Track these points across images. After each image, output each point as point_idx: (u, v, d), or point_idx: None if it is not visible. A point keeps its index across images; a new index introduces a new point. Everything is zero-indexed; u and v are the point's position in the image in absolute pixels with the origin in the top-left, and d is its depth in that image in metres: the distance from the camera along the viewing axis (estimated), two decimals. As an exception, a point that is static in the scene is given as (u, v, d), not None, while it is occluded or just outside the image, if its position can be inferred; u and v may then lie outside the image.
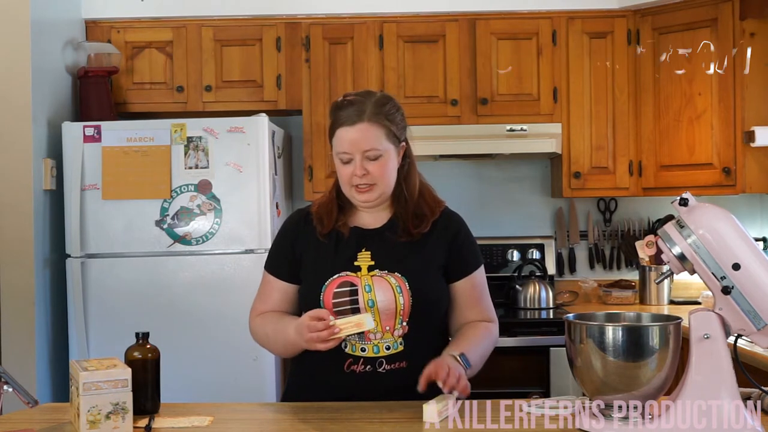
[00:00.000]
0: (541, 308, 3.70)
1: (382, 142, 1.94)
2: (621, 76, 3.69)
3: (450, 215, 2.06)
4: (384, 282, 1.92)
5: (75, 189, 3.26)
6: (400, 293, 1.91)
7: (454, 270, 2.01)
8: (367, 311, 1.89)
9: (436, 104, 3.69)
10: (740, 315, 1.58)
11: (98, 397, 1.65)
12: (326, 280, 1.94)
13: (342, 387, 1.92)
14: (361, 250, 1.97)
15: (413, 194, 2.01)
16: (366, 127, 1.92)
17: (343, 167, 1.95)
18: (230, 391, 3.16)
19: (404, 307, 1.91)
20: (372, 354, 1.90)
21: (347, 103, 1.95)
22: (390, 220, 2.02)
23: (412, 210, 1.99)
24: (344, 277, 1.94)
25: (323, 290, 1.93)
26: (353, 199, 1.98)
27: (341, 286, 1.92)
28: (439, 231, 2.01)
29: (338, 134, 1.94)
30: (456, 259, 2.01)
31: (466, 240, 2.04)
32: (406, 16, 3.72)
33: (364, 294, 1.91)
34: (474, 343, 1.95)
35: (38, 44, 3.27)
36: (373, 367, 1.91)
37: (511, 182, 4.07)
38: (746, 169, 3.41)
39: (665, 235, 1.65)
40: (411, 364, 1.90)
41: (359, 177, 1.93)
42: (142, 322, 2.48)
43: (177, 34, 3.73)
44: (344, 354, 1.91)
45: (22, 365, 3.14)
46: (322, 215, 2.01)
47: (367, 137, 1.92)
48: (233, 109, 3.69)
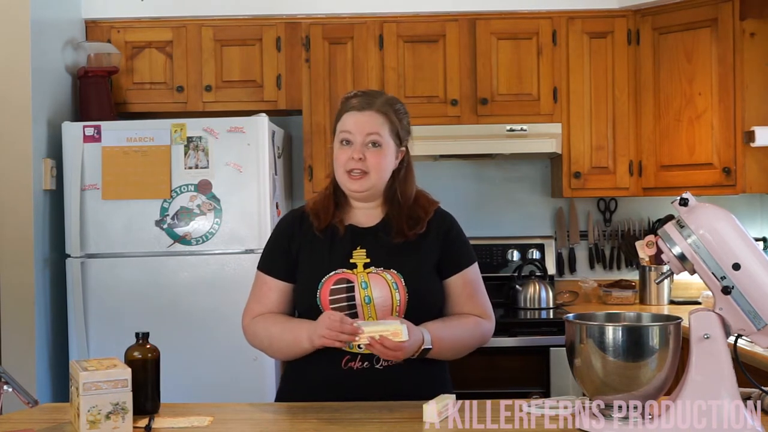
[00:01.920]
0: (541, 308, 3.70)
1: (385, 133, 1.98)
2: (621, 76, 3.69)
3: (443, 215, 2.09)
4: (380, 279, 1.94)
5: (75, 189, 3.26)
6: (396, 290, 1.93)
7: (447, 266, 2.04)
8: (364, 308, 1.91)
9: (436, 104, 3.69)
10: (740, 315, 1.58)
11: (98, 397, 1.65)
12: (322, 277, 1.95)
13: (339, 384, 1.92)
14: (356, 247, 1.99)
15: (408, 199, 2.04)
16: (374, 115, 1.98)
17: (341, 150, 1.98)
18: (230, 391, 3.16)
19: (400, 304, 1.93)
20: (369, 350, 1.91)
21: (360, 94, 2.03)
22: (383, 219, 2.04)
23: (406, 213, 2.02)
24: (340, 274, 1.95)
25: (320, 287, 1.94)
26: (345, 185, 1.99)
27: (338, 283, 1.94)
28: (433, 230, 2.04)
29: (345, 117, 1.99)
30: (448, 255, 2.04)
31: (457, 238, 2.07)
32: (406, 16, 3.72)
33: (360, 291, 1.92)
34: (448, 327, 1.97)
35: (38, 44, 3.27)
36: (370, 363, 1.92)
37: (511, 182, 4.07)
38: (746, 169, 3.41)
39: (665, 235, 1.65)
40: (407, 361, 1.91)
41: (356, 161, 1.95)
42: (142, 322, 2.48)
43: (177, 34, 3.73)
44: (341, 351, 1.91)
45: (22, 365, 3.14)
46: (319, 210, 2.02)
47: (373, 123, 1.97)
48: (233, 109, 3.69)
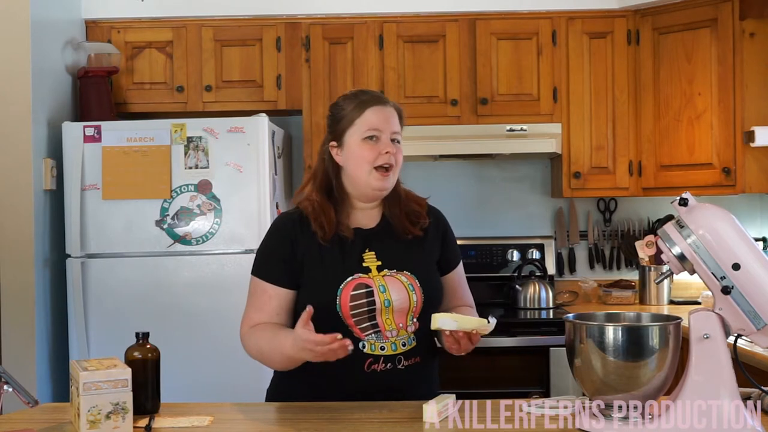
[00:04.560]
0: (541, 308, 3.70)
1: (401, 131, 2.02)
2: (621, 76, 3.69)
3: (436, 212, 2.13)
4: (396, 281, 1.95)
5: (75, 189, 3.26)
6: (413, 291, 1.95)
7: (446, 264, 2.10)
8: (383, 311, 1.92)
9: (436, 104, 3.69)
10: (740, 315, 1.59)
11: (98, 397, 1.65)
12: (340, 283, 1.92)
13: (363, 386, 1.91)
14: (365, 250, 1.98)
15: (401, 195, 2.06)
16: (393, 111, 2.01)
17: (368, 147, 1.96)
18: (230, 391, 3.15)
19: (417, 305, 1.95)
20: (391, 352, 1.92)
21: (365, 91, 2.05)
22: (383, 218, 2.05)
23: (403, 209, 2.03)
24: (357, 279, 1.93)
25: (339, 294, 1.91)
26: (370, 184, 1.97)
27: (357, 289, 1.92)
28: (431, 229, 2.07)
29: (368, 113, 1.97)
30: (446, 254, 2.10)
31: (452, 235, 2.15)
32: (406, 16, 3.72)
33: (380, 295, 1.92)
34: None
35: (38, 44, 3.27)
36: (393, 364, 1.92)
37: (511, 182, 4.07)
38: (746, 169, 3.40)
39: (665, 235, 1.65)
40: (423, 359, 1.97)
41: (388, 155, 1.95)
42: (142, 322, 2.48)
43: (177, 34, 3.73)
44: (363, 354, 1.91)
45: (22, 365, 3.14)
46: (322, 220, 1.97)
47: (395, 120, 2.01)
48: (233, 109, 3.69)
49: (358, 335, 1.91)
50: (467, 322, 1.82)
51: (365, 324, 1.91)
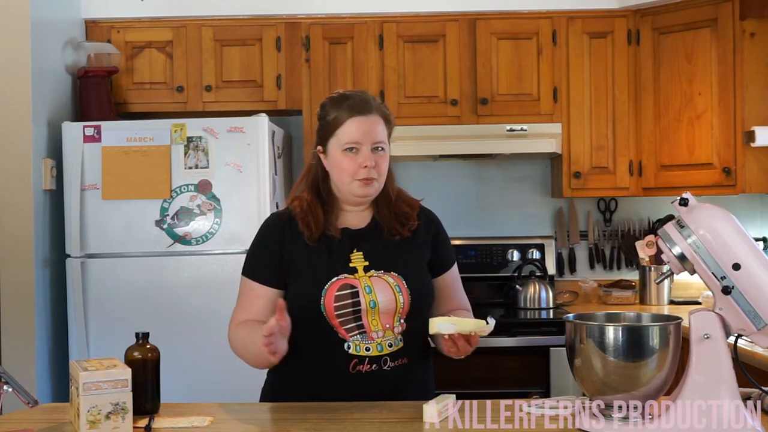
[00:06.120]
0: (541, 308, 3.70)
1: (386, 136, 1.99)
2: (621, 76, 3.69)
3: (428, 213, 2.10)
4: (382, 282, 1.93)
5: (75, 189, 3.26)
6: (400, 292, 1.93)
7: (438, 265, 2.07)
8: (369, 312, 1.90)
9: (436, 104, 3.69)
10: (740, 315, 1.58)
11: (98, 397, 1.65)
12: (325, 284, 1.92)
13: (348, 387, 1.91)
14: (353, 251, 1.97)
15: (394, 197, 2.04)
16: (376, 119, 1.97)
17: (348, 159, 1.94)
18: (230, 391, 3.14)
19: (404, 306, 1.93)
20: (376, 353, 1.91)
21: (349, 96, 1.98)
22: (372, 220, 2.03)
23: (393, 210, 2.02)
24: (343, 279, 1.92)
25: (323, 294, 1.91)
26: (353, 192, 1.96)
27: (342, 289, 1.91)
28: (422, 229, 2.04)
29: (348, 124, 1.94)
30: (438, 256, 2.06)
31: (445, 236, 2.11)
32: (406, 16, 3.72)
33: (365, 295, 1.91)
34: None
35: (38, 44, 3.27)
36: (378, 365, 1.91)
37: (511, 182, 4.07)
38: (746, 169, 3.40)
39: (665, 235, 1.65)
40: (410, 360, 1.94)
41: (368, 169, 1.92)
42: (142, 322, 2.47)
43: (177, 34, 3.73)
44: (348, 355, 1.91)
45: (22, 365, 3.14)
46: (309, 220, 1.97)
47: (377, 129, 1.96)
48: (233, 109, 3.69)
49: (343, 336, 1.90)
50: (465, 324, 1.81)
51: (350, 325, 1.90)
